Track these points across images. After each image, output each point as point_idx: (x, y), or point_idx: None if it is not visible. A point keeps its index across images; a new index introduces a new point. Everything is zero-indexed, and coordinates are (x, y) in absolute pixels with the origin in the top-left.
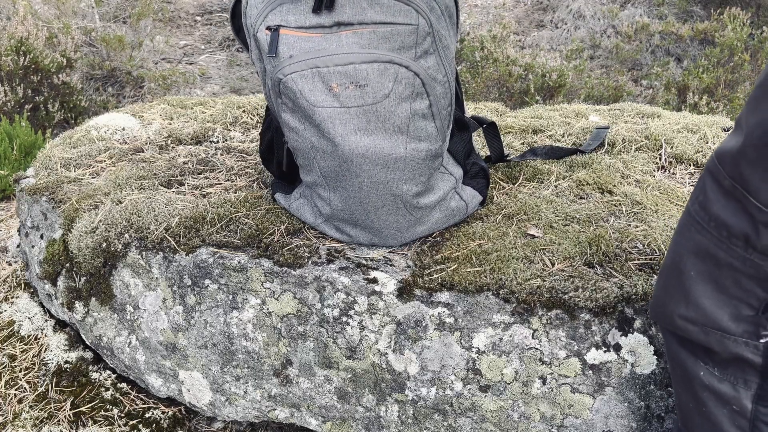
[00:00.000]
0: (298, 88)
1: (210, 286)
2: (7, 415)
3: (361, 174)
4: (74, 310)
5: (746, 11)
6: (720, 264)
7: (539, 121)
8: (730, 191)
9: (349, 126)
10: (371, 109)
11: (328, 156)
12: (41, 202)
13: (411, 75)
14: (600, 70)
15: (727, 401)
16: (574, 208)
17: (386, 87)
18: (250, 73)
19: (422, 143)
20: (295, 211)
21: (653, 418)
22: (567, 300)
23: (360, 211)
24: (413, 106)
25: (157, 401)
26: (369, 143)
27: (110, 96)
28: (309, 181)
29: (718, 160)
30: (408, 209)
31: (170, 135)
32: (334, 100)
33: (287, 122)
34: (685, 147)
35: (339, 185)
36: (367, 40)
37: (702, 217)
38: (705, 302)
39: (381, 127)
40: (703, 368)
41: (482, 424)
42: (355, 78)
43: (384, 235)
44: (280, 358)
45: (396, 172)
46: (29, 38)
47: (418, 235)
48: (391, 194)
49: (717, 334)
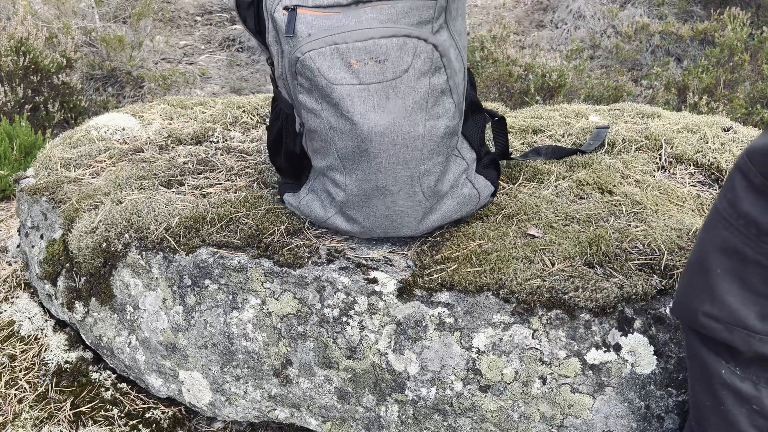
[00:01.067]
0: (317, 65)
1: (210, 286)
2: (7, 415)
3: (379, 154)
4: (74, 310)
5: (746, 11)
6: (747, 261)
7: (539, 121)
8: (760, 188)
9: (369, 103)
10: (390, 84)
11: (346, 136)
12: (41, 202)
13: (430, 48)
14: (600, 70)
15: (747, 400)
16: (574, 208)
17: (405, 62)
18: (250, 73)
19: (441, 120)
20: (305, 208)
21: (653, 418)
22: (567, 300)
23: (376, 196)
24: (432, 81)
25: (157, 401)
26: (388, 121)
27: (110, 96)
28: (323, 165)
29: (749, 157)
30: (424, 193)
31: (170, 135)
32: (353, 77)
33: (304, 103)
34: (685, 147)
35: (356, 167)
36: (387, 15)
37: (730, 214)
38: (730, 300)
39: (400, 104)
40: (724, 366)
41: (482, 424)
42: (374, 53)
43: (398, 223)
44: (280, 358)
45: (414, 152)
46: (29, 38)
47: (432, 225)
48: (408, 176)
49: (742, 332)
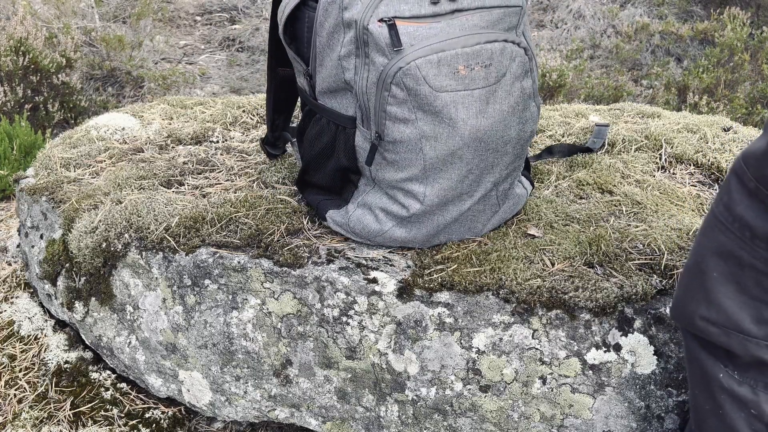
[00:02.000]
0: (422, 74)
1: (210, 286)
2: (7, 415)
3: (472, 161)
4: (74, 310)
5: (746, 11)
6: (743, 265)
7: (539, 121)
8: (754, 192)
9: (472, 110)
10: (491, 90)
11: (441, 143)
12: (41, 202)
13: (522, 52)
14: (600, 70)
15: (745, 404)
16: (574, 208)
17: (504, 66)
18: (250, 73)
19: (527, 124)
20: (355, 223)
21: (653, 418)
22: (567, 300)
23: (455, 204)
24: (523, 85)
25: (157, 401)
26: (487, 126)
27: (110, 96)
28: (399, 177)
29: (744, 161)
30: (498, 198)
31: (170, 135)
32: (458, 84)
33: (394, 114)
34: (685, 147)
35: (442, 176)
36: (486, 21)
37: (726, 218)
38: (727, 303)
39: (498, 108)
40: (722, 370)
41: (482, 424)
42: (482, 58)
43: (465, 227)
44: (280, 358)
45: (504, 156)
46: (28, 38)
47: (491, 227)
48: (492, 182)
49: (738, 336)
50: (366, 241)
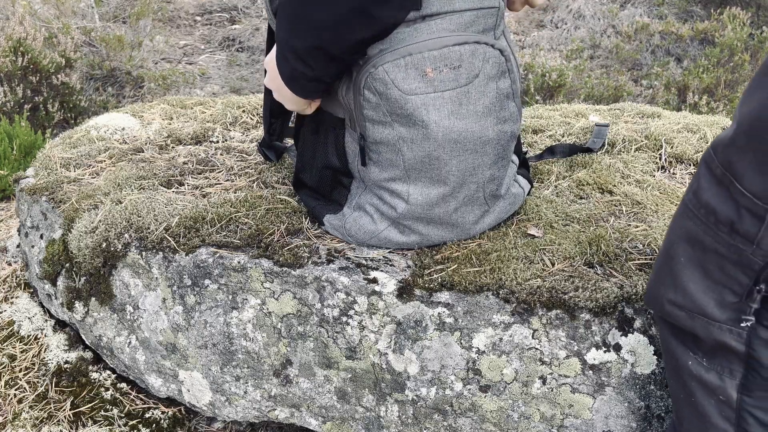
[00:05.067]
0: (391, 78)
1: (210, 286)
2: (7, 415)
3: (450, 161)
4: (74, 310)
5: (746, 11)
6: (707, 250)
7: (539, 121)
8: (720, 179)
9: (443, 111)
10: (464, 91)
11: (417, 145)
12: (41, 202)
13: (497, 53)
14: (600, 70)
15: (713, 391)
16: (574, 208)
17: (476, 67)
18: (250, 73)
19: (506, 124)
20: (352, 226)
21: (653, 418)
22: (567, 300)
23: (440, 204)
24: (499, 85)
25: (157, 401)
26: (462, 127)
27: (110, 96)
28: (383, 177)
29: (713, 149)
30: (486, 198)
31: (170, 135)
32: (427, 86)
33: (370, 117)
34: (685, 147)
35: (423, 176)
36: (456, 24)
37: (694, 204)
38: (692, 287)
39: (472, 109)
40: (691, 357)
41: (482, 424)
42: (449, 60)
43: (457, 231)
44: (280, 358)
45: (484, 157)
46: (27, 38)
47: (486, 227)
48: (475, 182)
49: (702, 320)
50: (363, 244)
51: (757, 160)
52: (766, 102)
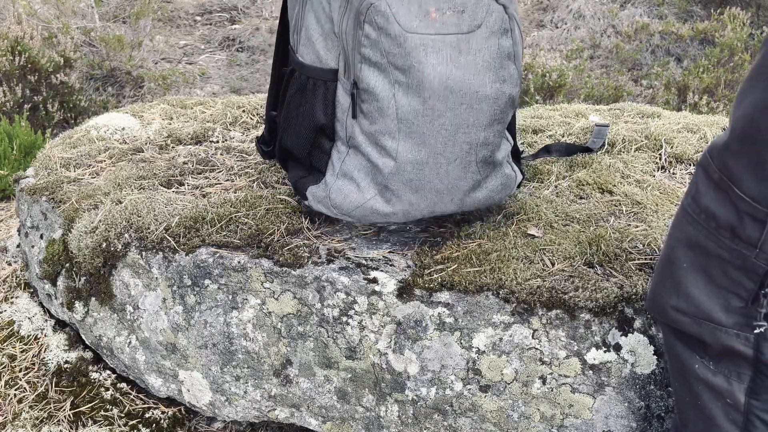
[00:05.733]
0: (392, 11)
1: (210, 286)
2: (7, 415)
3: (444, 114)
4: (74, 310)
5: (746, 11)
6: (710, 255)
7: (539, 121)
8: (718, 183)
9: (442, 56)
10: (465, 38)
11: (412, 91)
12: (41, 202)
13: (501, 8)
14: (600, 70)
15: (720, 394)
16: (574, 208)
17: (480, 16)
18: (250, 73)
19: (506, 85)
20: (336, 195)
21: (653, 418)
22: (567, 300)
23: (430, 165)
24: (501, 42)
25: (157, 401)
26: (459, 76)
27: (110, 96)
28: (373, 130)
29: (709, 153)
30: (477, 165)
31: (170, 135)
32: (428, 27)
33: (366, 57)
34: (685, 147)
35: (415, 129)
36: None
37: (693, 210)
38: (696, 293)
39: (471, 60)
40: (698, 361)
41: (482, 424)
42: (454, 3)
43: (446, 199)
44: (280, 358)
45: (480, 115)
46: (25, 38)
47: (475, 204)
48: (467, 143)
49: (709, 325)
50: (347, 216)
51: (753, 163)
52: (757, 104)
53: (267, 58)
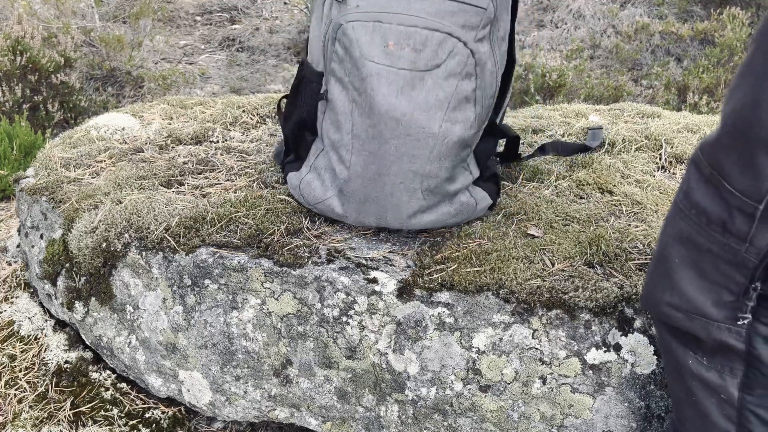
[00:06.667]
0: (356, 36)
1: (210, 286)
2: (7, 415)
3: (390, 140)
4: (74, 310)
5: (746, 11)
6: (701, 250)
7: (539, 121)
8: (709, 178)
9: (393, 87)
10: (419, 75)
11: (365, 113)
12: (41, 202)
13: (467, 53)
14: (600, 70)
15: (714, 390)
16: (574, 208)
17: (440, 58)
18: (250, 73)
19: (457, 126)
20: (305, 187)
21: (653, 418)
22: (567, 300)
23: (377, 182)
24: (460, 85)
25: (157, 401)
26: (407, 110)
27: (110, 96)
28: (335, 139)
29: (701, 150)
30: (423, 193)
31: (170, 135)
32: (386, 58)
33: (334, 71)
34: (685, 147)
35: (365, 148)
36: (436, 9)
37: (685, 205)
38: (688, 288)
39: (423, 97)
40: (691, 357)
41: (482, 424)
42: (414, 41)
43: (391, 216)
44: (280, 358)
45: (424, 149)
46: (26, 37)
47: (424, 225)
48: (412, 171)
49: (701, 320)
50: (313, 208)
51: (742, 158)
52: (746, 100)
53: (267, 58)
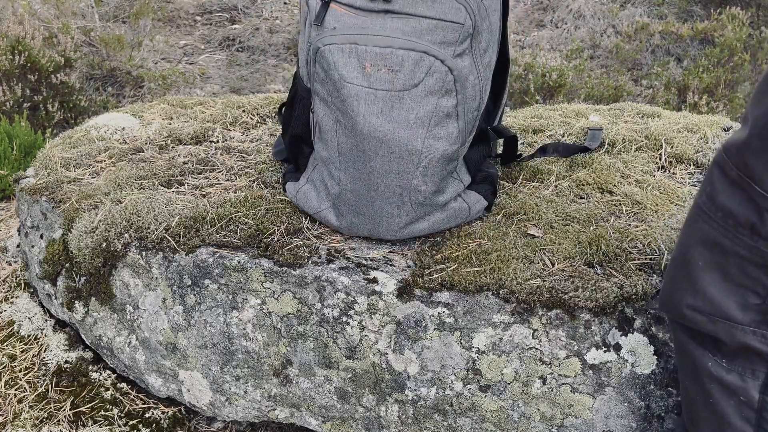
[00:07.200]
0: (334, 59)
1: (210, 286)
2: (7, 415)
3: (374, 158)
4: (74, 310)
5: (746, 11)
6: (726, 253)
7: (539, 121)
8: (736, 181)
9: (373, 108)
10: (398, 95)
11: (348, 133)
12: (41, 202)
13: (445, 70)
14: (600, 70)
15: (734, 392)
16: (574, 208)
17: (417, 77)
18: (250, 73)
19: (440, 142)
20: (301, 198)
21: (653, 418)
22: (567, 300)
23: (366, 197)
24: (440, 102)
25: (157, 401)
26: (388, 129)
27: (110, 96)
28: (324, 156)
29: (725, 152)
30: (413, 205)
31: (170, 135)
32: (363, 80)
33: (317, 91)
34: (685, 147)
35: (351, 166)
36: (411, 28)
37: (709, 208)
38: (712, 291)
39: (404, 116)
40: (711, 359)
41: (482, 424)
42: (390, 62)
43: (383, 228)
44: (280, 358)
45: (409, 165)
46: (26, 37)
47: (417, 234)
48: (399, 186)
49: (725, 323)
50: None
51: None
52: None
53: (267, 58)
